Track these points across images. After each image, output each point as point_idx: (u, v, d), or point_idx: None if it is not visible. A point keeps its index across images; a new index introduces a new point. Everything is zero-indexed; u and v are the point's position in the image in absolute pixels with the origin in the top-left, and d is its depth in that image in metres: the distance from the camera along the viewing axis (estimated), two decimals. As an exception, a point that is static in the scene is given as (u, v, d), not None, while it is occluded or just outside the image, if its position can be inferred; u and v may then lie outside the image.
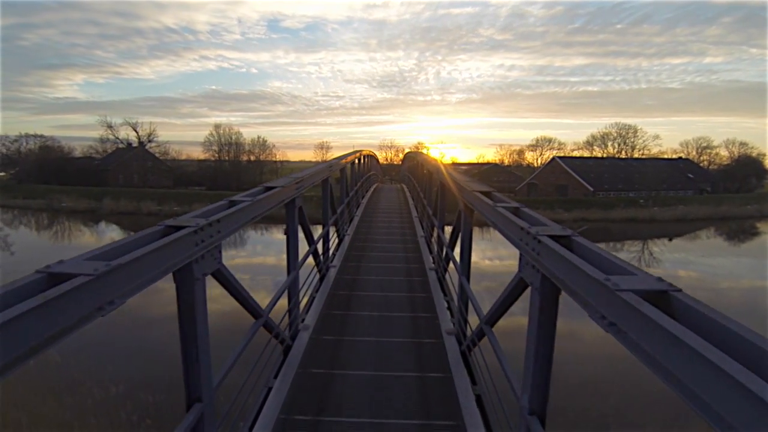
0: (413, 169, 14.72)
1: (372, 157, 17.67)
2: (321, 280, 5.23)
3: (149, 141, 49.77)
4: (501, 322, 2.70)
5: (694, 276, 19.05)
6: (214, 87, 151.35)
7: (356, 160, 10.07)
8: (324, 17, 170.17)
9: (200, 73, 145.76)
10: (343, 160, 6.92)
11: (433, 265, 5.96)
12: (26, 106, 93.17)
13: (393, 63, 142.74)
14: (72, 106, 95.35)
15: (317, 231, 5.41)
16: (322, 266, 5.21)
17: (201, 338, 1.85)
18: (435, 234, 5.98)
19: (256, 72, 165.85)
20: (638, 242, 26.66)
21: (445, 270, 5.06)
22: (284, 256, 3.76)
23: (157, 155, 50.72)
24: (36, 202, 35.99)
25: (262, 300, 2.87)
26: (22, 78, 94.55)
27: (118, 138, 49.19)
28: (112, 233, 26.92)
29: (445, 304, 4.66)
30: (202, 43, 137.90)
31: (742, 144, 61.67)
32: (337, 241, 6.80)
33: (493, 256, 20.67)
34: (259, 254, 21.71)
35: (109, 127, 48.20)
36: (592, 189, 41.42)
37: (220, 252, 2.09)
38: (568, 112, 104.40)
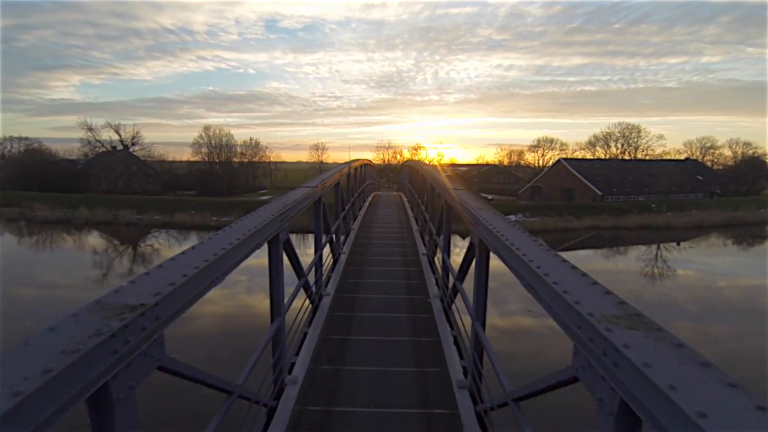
0: (414, 181, 12.58)
1: (367, 165, 15.55)
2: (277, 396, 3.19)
3: (133, 144, 47.31)
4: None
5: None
6: (211, 88, 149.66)
7: (343, 180, 7.90)
8: (322, 17, 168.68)
9: (197, 74, 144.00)
10: (320, 186, 4.68)
11: (463, 373, 3.62)
12: (22, 108, 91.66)
13: (391, 63, 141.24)
14: (68, 107, 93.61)
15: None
16: (278, 379, 3.19)
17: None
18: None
19: (253, 73, 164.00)
20: (651, 248, 24.65)
21: (479, 379, 3.02)
22: None
23: (141, 158, 48.34)
24: (10, 210, 33.60)
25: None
26: (18, 79, 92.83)
27: (98, 140, 46.64)
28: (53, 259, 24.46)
29: None
30: (200, 43, 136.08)
31: (746, 144, 60.41)
32: (309, 309, 4.58)
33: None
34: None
35: (90, 129, 45.70)
36: (600, 193, 39.38)
37: None
38: (566, 111, 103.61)
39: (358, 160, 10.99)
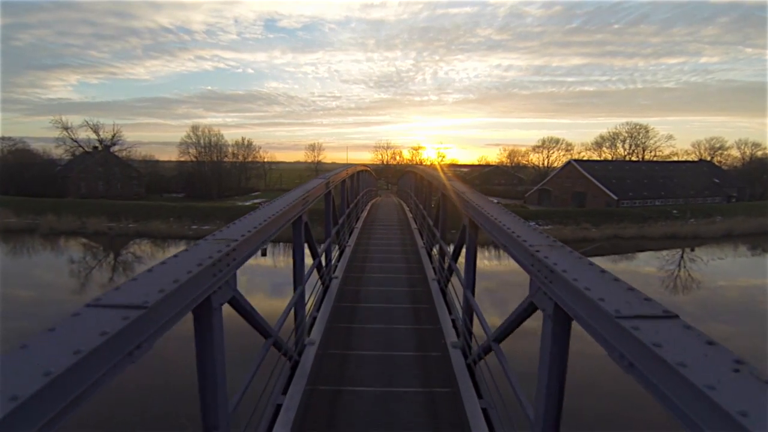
0: (421, 195, 9.79)
1: (361, 173, 12.74)
2: None
3: (113, 144, 44.15)
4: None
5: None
6: (210, 87, 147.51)
7: (311, 206, 5.10)
8: (321, 17, 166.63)
9: (196, 74, 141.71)
10: (232, 248, 1.87)
11: None
12: (20, 108, 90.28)
13: (390, 63, 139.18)
14: (66, 107, 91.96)
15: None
16: None
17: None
18: None
19: (252, 72, 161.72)
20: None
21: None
22: None
23: (124, 159, 45.23)
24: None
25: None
26: (16, 79, 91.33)
27: (74, 140, 43.47)
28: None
29: None
30: (198, 43, 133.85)
31: (755, 144, 58.23)
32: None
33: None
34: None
35: (66, 129, 42.52)
36: (616, 197, 36.59)
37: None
38: (565, 112, 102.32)
39: (347, 168, 8.09)
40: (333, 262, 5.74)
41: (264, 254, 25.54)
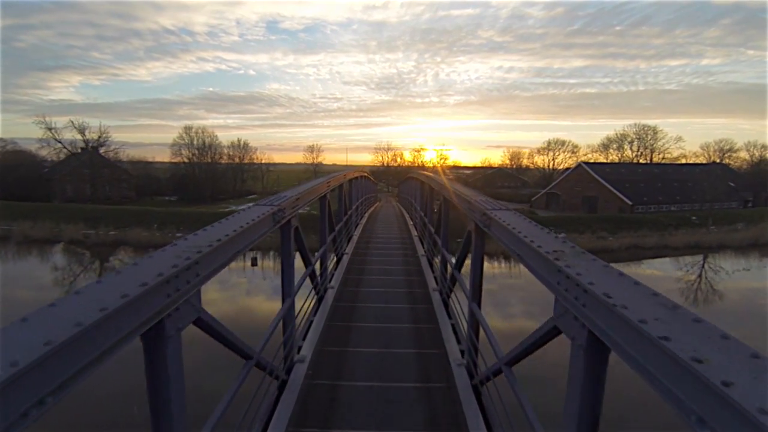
0: (429, 210, 7.82)
1: (360, 179, 10.83)
2: None
3: (100, 145, 42.18)
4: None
5: None
6: (211, 89, 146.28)
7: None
8: (323, 19, 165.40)
9: (197, 75, 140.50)
10: None
11: None
12: (21, 109, 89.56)
13: (392, 65, 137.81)
14: (68, 108, 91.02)
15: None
16: None
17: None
18: None
19: (253, 74, 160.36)
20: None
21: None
22: None
23: (113, 161, 43.30)
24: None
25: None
26: (18, 80, 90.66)
27: (58, 140, 41.47)
28: None
29: None
30: (200, 44, 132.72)
31: (764, 147, 56.64)
32: None
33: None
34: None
35: (49, 129, 40.55)
36: (630, 202, 34.58)
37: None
38: (566, 113, 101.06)
39: (331, 178, 6.01)
40: (301, 327, 3.76)
41: (254, 264, 23.68)
